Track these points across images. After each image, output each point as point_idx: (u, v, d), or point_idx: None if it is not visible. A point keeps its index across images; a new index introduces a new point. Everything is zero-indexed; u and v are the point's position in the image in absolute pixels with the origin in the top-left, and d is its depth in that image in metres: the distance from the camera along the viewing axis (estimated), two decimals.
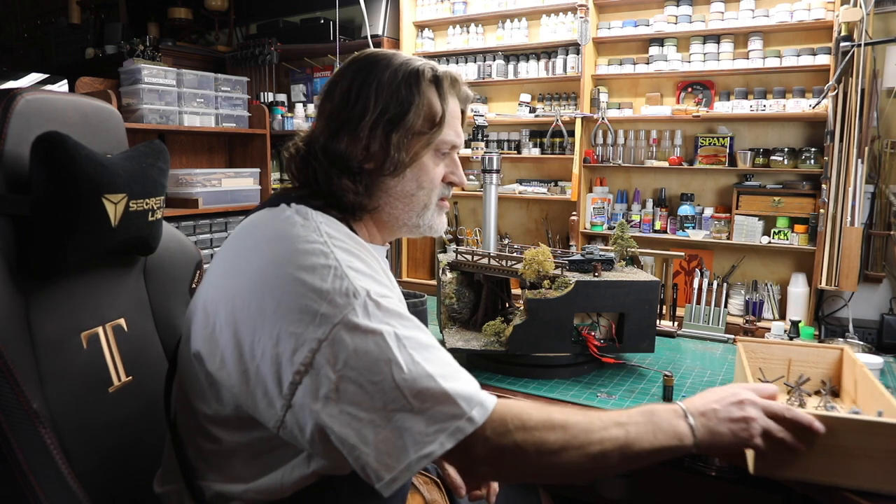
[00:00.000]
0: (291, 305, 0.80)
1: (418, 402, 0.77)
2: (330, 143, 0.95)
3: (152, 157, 1.13)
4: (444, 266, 1.94)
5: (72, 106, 1.09)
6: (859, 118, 2.11)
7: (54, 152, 0.93)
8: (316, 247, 0.84)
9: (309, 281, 0.80)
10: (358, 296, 0.80)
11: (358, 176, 0.96)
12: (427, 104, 0.98)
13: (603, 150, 2.74)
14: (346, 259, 0.83)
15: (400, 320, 0.82)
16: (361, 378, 0.77)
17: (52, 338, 0.97)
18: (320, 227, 0.88)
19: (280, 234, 0.87)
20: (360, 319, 0.78)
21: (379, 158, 0.96)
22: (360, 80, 0.96)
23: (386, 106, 0.95)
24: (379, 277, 0.86)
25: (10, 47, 4.88)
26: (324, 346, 0.78)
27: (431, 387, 0.77)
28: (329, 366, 0.77)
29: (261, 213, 0.95)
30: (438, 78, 1.00)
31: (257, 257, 0.86)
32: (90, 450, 0.99)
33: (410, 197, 1.01)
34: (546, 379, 1.69)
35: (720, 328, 2.23)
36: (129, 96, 2.77)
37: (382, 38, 3.03)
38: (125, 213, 1.04)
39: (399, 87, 0.95)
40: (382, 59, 0.98)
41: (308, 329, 0.78)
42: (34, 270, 0.96)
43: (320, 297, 0.79)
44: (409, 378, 0.77)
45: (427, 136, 0.98)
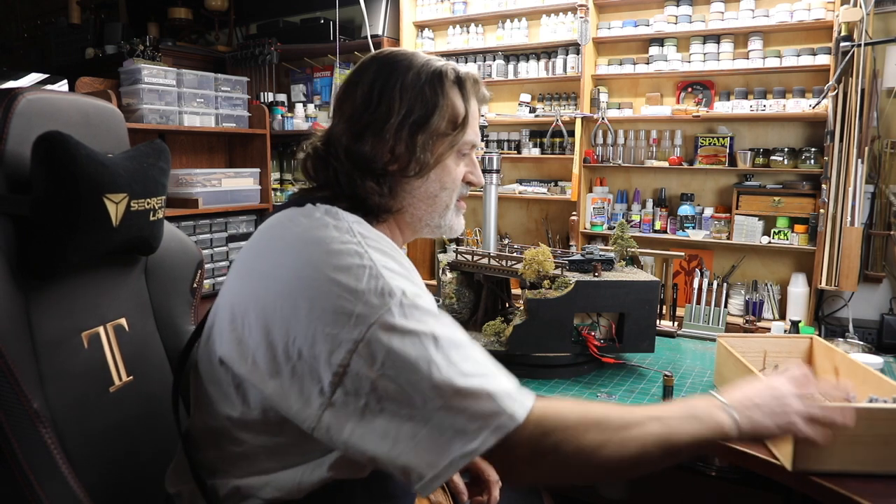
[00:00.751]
0: (326, 306, 0.79)
1: (458, 401, 0.76)
2: (353, 145, 0.94)
3: (153, 157, 1.13)
4: (444, 266, 1.94)
5: (73, 105, 1.09)
6: (859, 118, 2.11)
7: (55, 152, 0.93)
8: (350, 247, 0.83)
9: (344, 281, 0.80)
10: (394, 295, 0.79)
11: (382, 178, 0.95)
12: (450, 105, 0.98)
13: (603, 150, 2.74)
14: (380, 259, 0.83)
15: (436, 319, 0.81)
16: (400, 378, 0.77)
17: (53, 337, 0.97)
18: (353, 227, 0.87)
19: (312, 235, 0.86)
20: (396, 319, 0.78)
21: (404, 160, 0.95)
22: (383, 81, 0.95)
23: (411, 107, 0.94)
24: (413, 277, 0.86)
25: (10, 47, 4.89)
26: (360, 347, 0.77)
27: (470, 385, 0.77)
28: (367, 366, 0.77)
29: (287, 213, 0.93)
30: (461, 79, 1.00)
31: (290, 258, 0.85)
32: (91, 449, 0.99)
33: (434, 198, 1.01)
34: (546, 379, 1.69)
35: (720, 328, 2.23)
36: (129, 96, 2.77)
37: (382, 38, 3.03)
38: (126, 213, 1.04)
39: (423, 89, 0.95)
40: (403, 59, 0.98)
41: (344, 330, 0.78)
42: (35, 270, 0.96)
43: (356, 298, 0.79)
44: (448, 377, 0.77)
45: (451, 138, 0.99)
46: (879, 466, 1.16)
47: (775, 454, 1.25)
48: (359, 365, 0.77)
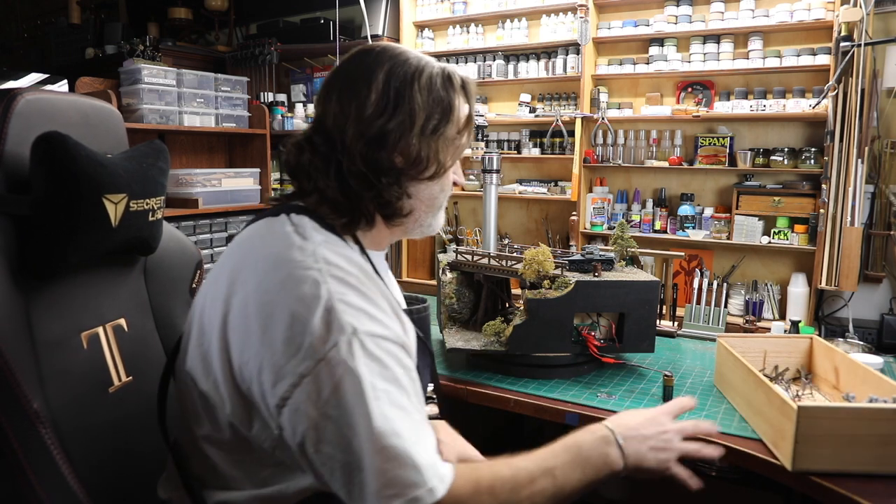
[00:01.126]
0: (276, 335, 0.79)
1: (381, 460, 0.75)
2: (374, 152, 0.91)
3: (152, 157, 1.13)
4: (444, 266, 1.94)
5: (72, 106, 1.09)
6: (859, 118, 2.11)
7: (55, 152, 0.93)
8: (309, 274, 0.82)
9: (297, 311, 0.79)
10: (344, 332, 0.78)
11: (398, 182, 0.95)
12: (460, 110, 0.99)
13: (603, 150, 2.74)
14: (339, 291, 0.81)
15: (381, 367, 0.80)
16: (340, 419, 0.76)
17: (53, 338, 0.98)
18: (317, 250, 0.85)
19: (275, 257, 0.85)
20: (343, 357, 0.77)
21: (422, 164, 0.95)
22: (399, 83, 0.93)
23: (430, 112, 0.94)
24: (373, 311, 0.83)
25: (10, 47, 4.88)
26: (305, 382, 0.77)
27: (397, 446, 0.76)
28: (310, 402, 0.77)
29: (259, 226, 0.93)
30: (465, 82, 1.00)
31: (251, 279, 0.84)
32: (90, 449, 0.99)
33: (433, 200, 1.02)
34: (546, 379, 1.70)
35: (720, 328, 2.23)
36: (129, 96, 2.77)
37: (382, 38, 3.03)
38: (125, 213, 1.04)
39: (440, 93, 0.95)
40: (408, 57, 0.96)
41: (291, 362, 0.78)
42: (34, 270, 0.96)
43: (306, 330, 0.78)
44: (378, 432, 0.76)
45: (458, 141, 1.00)
46: (879, 466, 1.16)
47: (775, 454, 1.25)
48: (300, 399, 0.77)
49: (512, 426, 2.41)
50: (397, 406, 0.79)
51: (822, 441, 1.15)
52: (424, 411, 0.86)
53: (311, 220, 0.91)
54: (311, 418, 0.77)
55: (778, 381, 1.59)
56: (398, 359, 0.83)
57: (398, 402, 0.79)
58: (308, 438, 0.77)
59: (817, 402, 1.50)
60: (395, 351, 0.83)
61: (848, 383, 1.45)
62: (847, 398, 1.40)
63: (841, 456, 1.16)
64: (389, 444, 0.76)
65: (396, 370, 0.81)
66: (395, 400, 0.79)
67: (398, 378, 0.81)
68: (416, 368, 0.98)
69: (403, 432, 0.77)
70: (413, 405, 0.82)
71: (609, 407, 1.52)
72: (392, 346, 0.83)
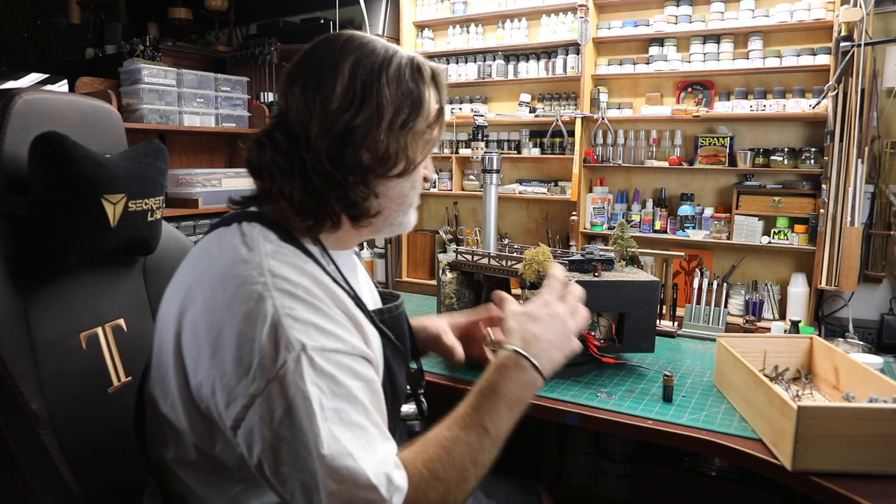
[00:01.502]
0: (226, 356, 0.77)
1: (334, 482, 0.75)
2: (339, 149, 0.87)
3: (151, 157, 1.13)
4: (444, 266, 1.94)
5: (70, 106, 1.09)
6: (859, 118, 2.10)
7: (53, 152, 0.93)
8: (255, 289, 0.79)
9: (244, 330, 0.77)
10: (292, 349, 0.76)
11: (365, 180, 0.91)
12: (430, 102, 0.95)
13: (603, 150, 2.74)
14: (285, 305, 0.78)
15: (332, 384, 0.78)
16: (293, 440, 0.75)
17: (52, 338, 0.97)
18: (263, 262, 0.81)
19: (221, 273, 0.82)
20: (292, 377, 0.75)
21: (391, 161, 0.91)
22: (365, 75, 0.88)
23: (399, 106, 0.90)
24: (324, 324, 0.81)
25: (10, 47, 4.89)
26: (257, 403, 0.76)
27: (350, 467, 0.75)
28: (263, 423, 0.76)
29: (209, 239, 0.89)
30: (435, 74, 0.96)
31: (200, 297, 0.82)
32: (89, 450, 0.98)
33: (404, 197, 0.98)
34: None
35: (720, 328, 2.22)
36: (129, 96, 2.76)
37: (383, 37, 3.02)
38: (124, 214, 1.04)
39: (409, 85, 0.91)
40: (374, 47, 0.92)
41: (241, 382, 0.76)
42: (33, 271, 0.96)
43: (253, 349, 0.76)
44: (329, 454, 0.75)
45: (428, 135, 0.96)
46: (879, 466, 1.16)
47: (775, 454, 1.25)
48: (254, 421, 0.76)
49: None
50: (350, 423, 0.78)
51: (822, 441, 1.15)
52: (383, 421, 0.85)
53: (264, 227, 0.87)
54: (266, 439, 0.76)
55: (778, 381, 1.59)
56: (353, 371, 0.81)
57: (351, 419, 0.78)
58: (265, 459, 0.76)
59: (817, 402, 1.50)
60: (350, 363, 0.81)
61: (848, 383, 1.45)
62: (847, 398, 1.40)
63: (841, 456, 1.16)
64: (342, 465, 0.75)
65: (350, 384, 0.79)
66: (348, 417, 0.78)
67: (352, 392, 0.79)
68: (390, 369, 0.97)
69: (356, 450, 0.76)
70: (370, 418, 0.80)
71: (609, 407, 1.52)
72: (346, 359, 0.80)
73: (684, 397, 1.59)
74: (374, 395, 0.83)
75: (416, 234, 3.13)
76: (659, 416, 1.47)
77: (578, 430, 2.27)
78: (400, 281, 3.11)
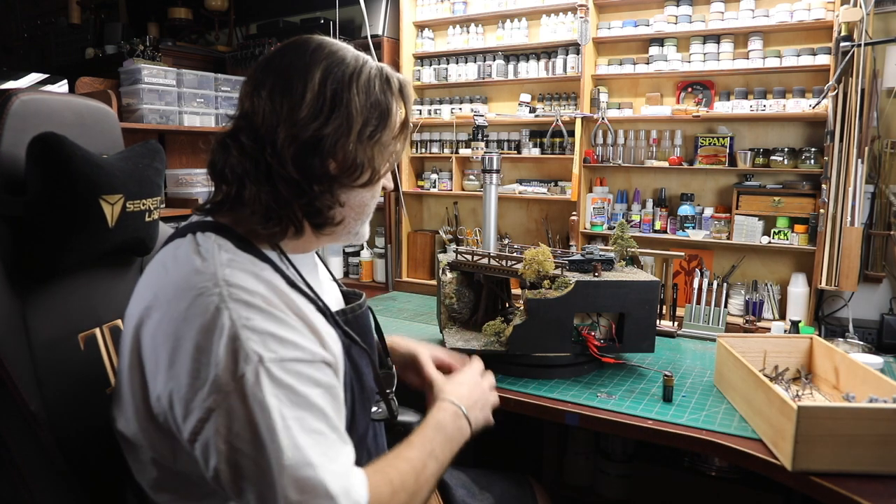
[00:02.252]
0: (182, 368, 0.77)
1: (294, 492, 0.74)
2: (306, 158, 0.87)
3: (148, 158, 1.12)
4: (444, 266, 1.94)
5: (67, 106, 1.09)
6: (859, 118, 2.10)
7: (50, 153, 0.93)
8: (211, 301, 0.78)
9: (200, 342, 0.76)
10: (250, 362, 0.75)
11: (331, 189, 0.91)
12: (396, 113, 0.95)
13: (603, 150, 2.73)
14: (242, 316, 0.78)
15: (291, 394, 0.78)
16: (252, 453, 0.75)
17: (50, 339, 0.97)
18: (218, 272, 0.81)
19: (177, 285, 0.81)
20: (250, 389, 0.75)
21: (357, 170, 0.91)
22: (335, 84, 0.88)
23: (368, 117, 0.90)
24: (281, 332, 0.80)
25: (10, 47, 4.88)
26: (214, 416, 0.75)
27: (310, 477, 0.75)
28: (220, 436, 0.75)
29: (166, 252, 0.88)
30: (403, 85, 0.96)
31: (157, 311, 0.81)
32: (87, 451, 0.98)
33: (364, 207, 0.99)
34: (546, 379, 1.69)
35: (720, 328, 2.22)
36: (129, 96, 2.77)
37: (382, 38, 3.03)
38: (122, 214, 1.03)
39: (378, 96, 0.91)
40: (344, 55, 0.91)
41: (198, 395, 0.76)
42: (31, 272, 0.96)
43: (210, 362, 0.76)
44: (290, 465, 0.75)
45: (392, 147, 0.96)
46: (879, 466, 1.16)
47: (775, 454, 1.25)
48: (210, 434, 0.76)
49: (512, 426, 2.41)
50: (310, 431, 0.78)
51: (822, 441, 1.15)
52: (342, 423, 0.85)
53: (220, 236, 0.87)
54: (222, 452, 0.75)
55: (778, 381, 1.59)
56: (312, 379, 0.81)
57: (311, 426, 0.78)
58: (221, 471, 0.76)
59: (817, 402, 1.50)
60: (309, 371, 0.81)
61: (848, 383, 1.45)
62: (847, 398, 1.40)
63: (841, 456, 1.15)
64: (302, 475, 0.75)
65: (310, 392, 0.79)
66: (308, 425, 0.78)
67: (311, 400, 0.79)
68: (357, 370, 0.97)
69: (316, 459, 0.76)
70: (330, 424, 0.81)
71: (609, 407, 1.52)
72: (304, 367, 0.80)
73: (684, 397, 1.58)
74: (334, 400, 0.84)
75: (416, 234, 3.13)
76: (659, 416, 1.47)
77: (578, 430, 2.27)
78: (400, 281, 3.11)
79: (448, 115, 2.99)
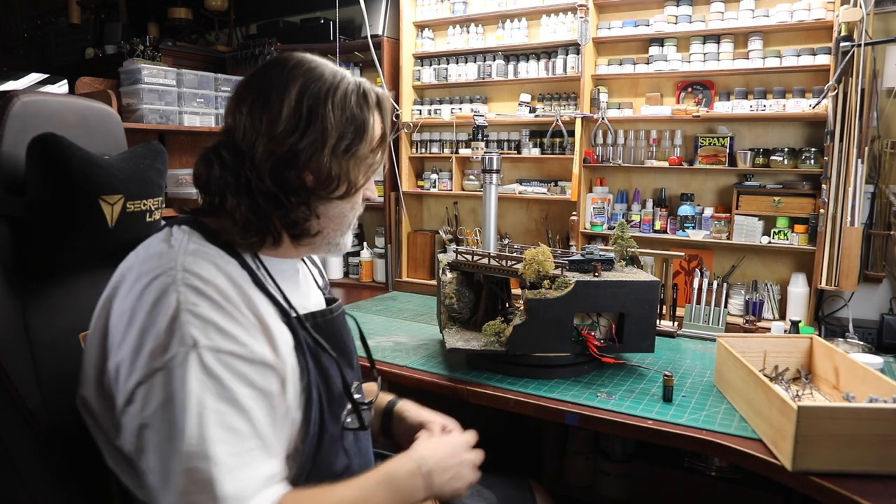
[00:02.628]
0: (129, 343, 0.80)
1: (185, 481, 0.74)
2: (283, 170, 0.90)
3: (150, 158, 1.13)
4: (444, 266, 1.94)
5: (69, 108, 1.09)
6: (859, 118, 2.10)
7: (49, 153, 0.93)
8: (164, 281, 0.81)
9: (146, 320, 0.80)
10: (184, 344, 0.77)
11: (308, 202, 0.94)
12: (374, 127, 0.97)
13: (603, 150, 2.73)
14: (189, 301, 0.80)
15: (218, 386, 0.78)
16: (162, 432, 0.76)
17: (50, 339, 0.98)
18: (179, 258, 0.84)
19: (140, 267, 0.86)
20: (176, 370, 0.76)
21: (334, 183, 0.93)
22: (312, 99, 0.91)
23: (344, 131, 0.92)
24: (227, 325, 0.81)
25: (10, 47, 4.88)
26: (141, 388, 0.78)
27: (204, 470, 0.74)
28: (138, 411, 0.78)
29: (141, 246, 0.92)
30: (381, 99, 0.98)
31: (121, 290, 0.86)
32: (86, 450, 0.98)
33: (343, 218, 1.00)
34: (546, 379, 1.69)
35: (720, 328, 2.23)
36: (129, 96, 2.77)
37: (382, 38, 3.03)
38: (122, 214, 1.04)
39: (354, 111, 0.93)
40: (322, 71, 0.94)
41: (134, 369, 0.79)
42: (31, 272, 0.96)
43: (149, 337, 0.79)
44: (188, 452, 0.74)
45: (371, 158, 0.98)
46: (879, 466, 1.16)
47: (775, 454, 1.25)
48: (135, 408, 0.78)
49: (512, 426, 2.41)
50: (226, 428, 0.77)
51: (822, 441, 1.15)
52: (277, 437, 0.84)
53: (195, 230, 0.90)
54: (137, 426, 0.77)
55: (778, 381, 1.59)
56: (247, 378, 0.81)
57: (229, 423, 0.78)
58: (134, 445, 0.78)
59: (817, 402, 1.50)
60: (245, 369, 0.81)
61: (848, 383, 1.45)
62: (847, 398, 1.40)
63: (841, 456, 1.16)
64: (196, 466, 0.74)
65: (239, 389, 0.79)
66: (226, 421, 0.77)
67: (238, 398, 0.79)
68: (325, 376, 0.96)
69: (219, 457, 0.75)
70: (255, 429, 0.80)
71: (609, 407, 1.52)
72: (240, 364, 0.81)
73: (684, 397, 1.59)
74: (268, 407, 0.83)
75: (416, 234, 3.13)
76: (659, 416, 1.47)
77: (578, 430, 2.27)
78: (400, 281, 3.11)
79: (448, 115, 2.99)
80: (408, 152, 3.14)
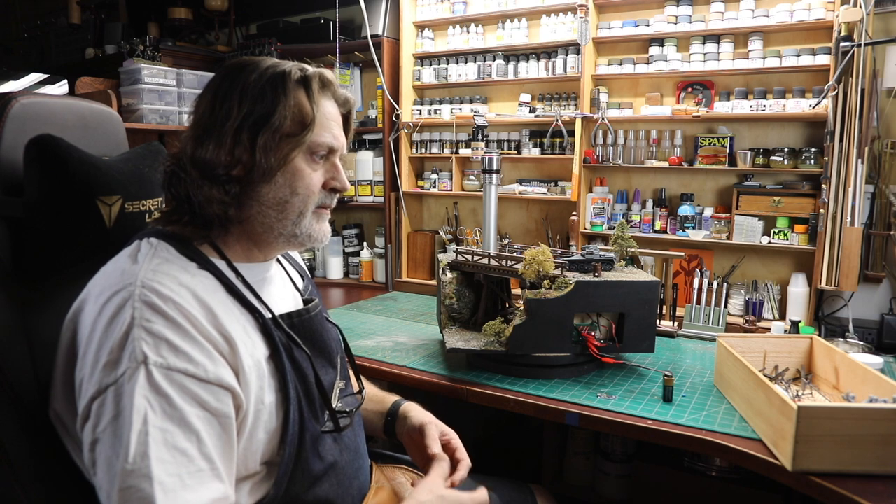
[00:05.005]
0: (88, 358, 0.80)
1: (122, 499, 0.73)
2: (196, 152, 0.92)
3: (149, 159, 1.13)
4: (444, 266, 1.94)
5: (68, 109, 1.09)
6: (859, 118, 2.10)
7: (46, 154, 0.93)
8: (121, 297, 0.81)
9: (103, 335, 0.80)
10: (135, 360, 0.77)
11: (227, 184, 0.93)
12: (296, 105, 0.95)
13: (603, 150, 2.73)
14: (144, 317, 0.79)
15: (166, 404, 0.77)
16: (110, 448, 0.75)
17: (49, 339, 0.97)
18: (140, 273, 0.84)
19: (104, 283, 0.87)
20: (125, 386, 0.76)
21: (247, 163, 0.93)
22: (227, 86, 0.94)
23: (251, 108, 0.93)
24: (181, 344, 0.80)
25: (10, 47, 4.88)
26: (95, 404, 0.77)
27: (140, 489, 0.73)
28: (91, 426, 0.77)
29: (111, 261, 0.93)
30: (307, 78, 0.98)
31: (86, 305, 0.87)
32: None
33: (284, 204, 0.97)
34: (546, 379, 1.69)
35: (720, 328, 2.22)
36: (129, 96, 2.77)
37: (382, 38, 3.03)
38: (120, 215, 1.04)
39: (264, 89, 0.94)
40: (249, 64, 0.97)
41: (90, 384, 0.79)
42: (29, 272, 0.96)
43: (104, 353, 0.78)
44: (129, 470, 0.73)
45: (297, 139, 0.95)
46: (879, 466, 1.16)
47: (775, 454, 1.25)
48: (89, 421, 0.78)
49: (512, 426, 2.41)
50: (172, 448, 0.76)
51: (822, 441, 1.15)
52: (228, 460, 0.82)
53: (164, 242, 0.91)
54: (90, 442, 0.77)
55: (778, 381, 1.59)
56: (197, 398, 0.79)
57: (175, 443, 0.76)
58: (90, 461, 0.77)
59: (817, 402, 1.50)
60: (196, 389, 0.79)
61: (848, 383, 1.45)
62: (847, 398, 1.40)
63: (841, 456, 1.16)
64: (132, 484, 0.73)
65: (187, 409, 0.78)
66: (172, 441, 0.76)
67: (186, 418, 0.78)
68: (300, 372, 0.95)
69: (161, 477, 0.74)
70: (202, 451, 0.78)
71: (609, 407, 1.52)
72: (191, 383, 0.79)
73: (684, 397, 1.59)
74: (220, 429, 0.81)
75: (416, 234, 3.13)
76: (659, 416, 1.47)
77: (578, 430, 2.27)
78: (400, 281, 3.11)
79: (448, 115, 2.99)
80: (408, 152, 3.14)
